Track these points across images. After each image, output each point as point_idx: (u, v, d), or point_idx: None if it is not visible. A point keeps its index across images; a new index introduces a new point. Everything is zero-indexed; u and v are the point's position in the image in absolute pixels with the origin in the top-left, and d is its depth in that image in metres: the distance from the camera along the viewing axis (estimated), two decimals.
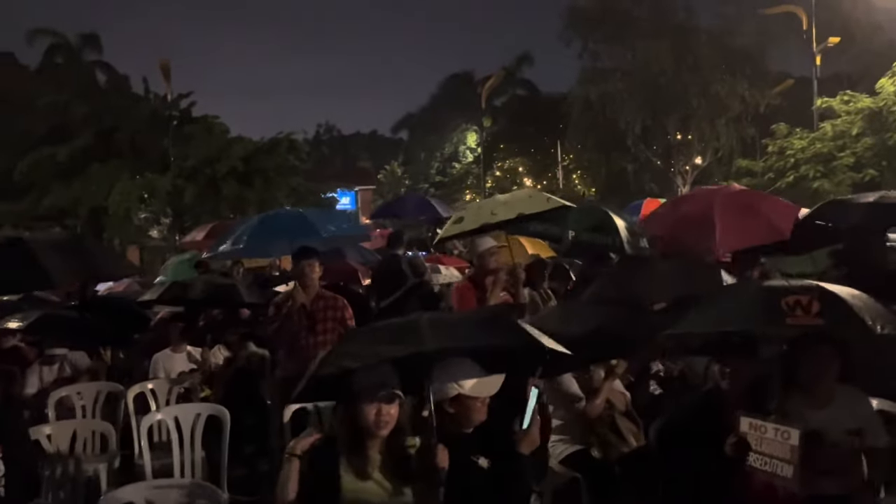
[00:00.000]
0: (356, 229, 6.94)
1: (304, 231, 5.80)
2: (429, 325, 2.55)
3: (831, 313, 2.87)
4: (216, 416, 4.27)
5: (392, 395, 2.64)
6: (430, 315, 2.69)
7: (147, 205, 29.29)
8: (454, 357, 2.76)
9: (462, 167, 44.59)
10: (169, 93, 26.81)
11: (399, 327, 2.67)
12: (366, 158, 54.93)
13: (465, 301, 4.94)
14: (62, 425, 4.23)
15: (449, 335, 2.60)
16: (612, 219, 6.24)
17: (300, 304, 4.81)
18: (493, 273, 4.97)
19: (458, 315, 2.75)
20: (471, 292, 4.98)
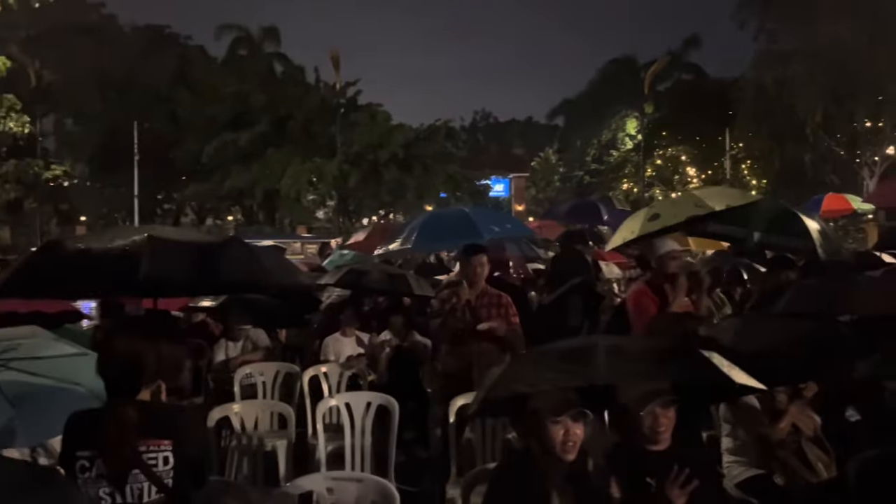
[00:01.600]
0: (520, 229, 6.82)
1: (468, 231, 5.80)
2: (606, 355, 2.36)
3: None
4: (385, 406, 4.41)
5: (580, 413, 2.44)
6: (608, 342, 2.49)
7: (315, 188, 31.13)
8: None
9: (620, 155, 43.20)
10: (338, 82, 28.16)
11: (574, 353, 2.48)
12: (520, 145, 54.77)
13: (643, 308, 4.70)
14: (248, 404, 4.55)
15: (627, 370, 2.41)
16: (803, 220, 5.70)
17: (465, 301, 4.83)
18: (673, 278, 4.67)
19: (637, 345, 2.54)
20: (649, 298, 4.72)
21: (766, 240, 5.30)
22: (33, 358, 3.07)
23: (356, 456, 4.39)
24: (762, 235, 5.27)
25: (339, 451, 4.61)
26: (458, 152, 32.76)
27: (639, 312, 4.74)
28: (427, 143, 31.19)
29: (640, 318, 4.71)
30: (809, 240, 5.21)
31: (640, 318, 4.71)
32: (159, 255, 2.37)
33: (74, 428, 2.13)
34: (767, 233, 5.25)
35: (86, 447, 2.04)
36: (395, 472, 4.47)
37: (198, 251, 2.62)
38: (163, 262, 2.37)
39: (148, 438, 2.11)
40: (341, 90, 30.26)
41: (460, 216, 6.34)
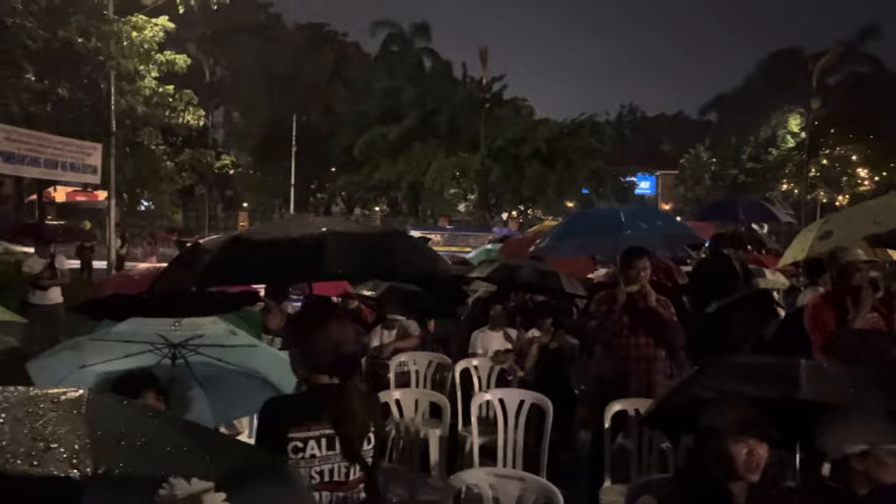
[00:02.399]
0: (675, 227, 6.47)
1: (612, 226, 5.59)
2: (807, 373, 2.19)
3: None
4: (538, 405, 4.40)
5: (765, 433, 2.34)
6: (809, 362, 2.30)
7: (458, 182, 31.64)
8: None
9: (780, 153, 40.37)
10: (485, 77, 28.40)
11: (769, 366, 2.33)
12: (668, 142, 52.64)
13: (821, 323, 4.35)
14: (407, 392, 4.71)
15: (833, 391, 2.21)
16: None
17: (623, 303, 4.70)
18: (856, 291, 4.27)
19: (841, 371, 2.32)
20: (828, 312, 4.36)
21: None
22: (218, 346, 3.35)
23: (508, 450, 4.41)
24: None
25: (488, 445, 4.66)
26: (602, 148, 32.00)
27: (817, 327, 4.38)
28: (571, 138, 30.74)
29: (819, 333, 4.36)
30: None
31: (819, 333, 4.36)
32: (339, 244, 2.51)
33: (281, 412, 2.26)
34: None
35: (302, 428, 2.16)
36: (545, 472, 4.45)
37: (372, 241, 2.77)
38: (343, 250, 2.52)
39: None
40: (487, 85, 30.49)
41: (607, 213, 6.17)
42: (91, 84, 15.41)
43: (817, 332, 4.33)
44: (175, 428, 1.10)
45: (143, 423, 1.03)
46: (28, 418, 0.86)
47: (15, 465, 0.76)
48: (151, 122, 17.24)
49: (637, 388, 4.58)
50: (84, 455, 0.82)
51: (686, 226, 7.83)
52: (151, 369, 3.18)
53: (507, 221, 33.24)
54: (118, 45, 14.29)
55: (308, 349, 2.28)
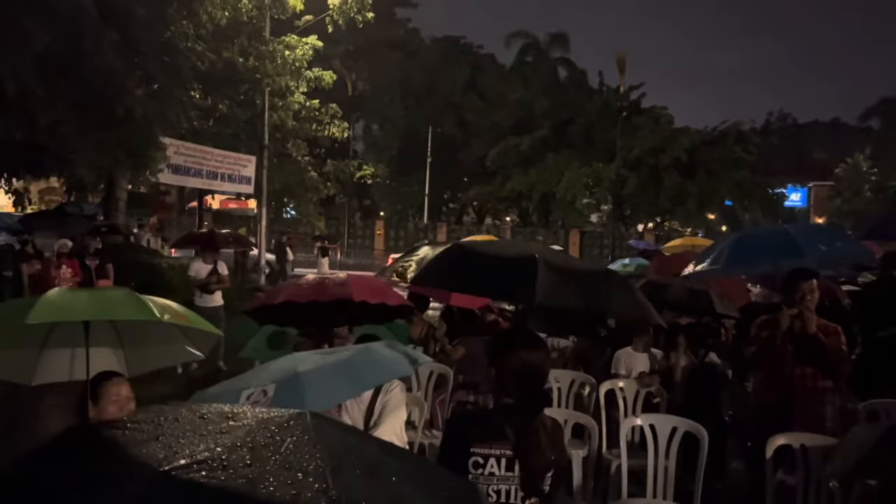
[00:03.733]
0: (854, 250, 5.92)
1: (788, 250, 5.15)
2: None
3: None
4: (691, 433, 4.20)
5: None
6: None
7: (591, 192, 31.05)
8: None
9: None
10: (622, 85, 27.76)
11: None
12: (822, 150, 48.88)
13: None
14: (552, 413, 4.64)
15: None
16: None
17: (788, 329, 4.38)
18: None
19: None
20: None
21: None
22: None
23: (658, 477, 4.24)
24: None
25: (636, 469, 4.50)
26: (748, 157, 30.26)
27: None
28: (713, 148, 29.34)
29: None
30: None
31: None
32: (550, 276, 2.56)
33: (468, 424, 2.33)
34: None
35: (485, 444, 2.22)
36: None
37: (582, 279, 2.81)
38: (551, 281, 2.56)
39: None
40: (625, 93, 29.76)
41: (779, 233, 5.71)
42: (247, 100, 16.55)
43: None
44: (387, 452, 1.13)
45: (362, 449, 1.06)
46: (271, 444, 0.90)
47: (282, 496, 0.80)
48: (299, 135, 18.27)
49: (802, 421, 4.25)
50: (330, 483, 0.84)
51: (864, 245, 7.15)
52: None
53: (643, 233, 32.20)
54: (273, 63, 15.25)
55: (504, 370, 2.32)
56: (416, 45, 36.74)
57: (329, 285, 4.57)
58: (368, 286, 4.77)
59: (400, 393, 4.23)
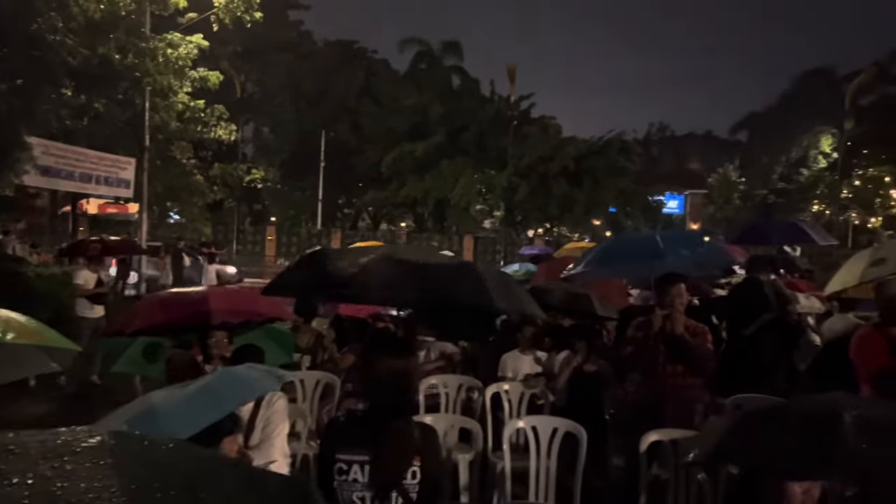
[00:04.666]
0: (716, 255, 6.31)
1: (654, 255, 5.44)
2: (854, 431, 2.10)
3: None
4: (572, 433, 4.32)
5: (824, 477, 2.26)
6: (854, 411, 2.21)
7: (484, 198, 31.64)
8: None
9: (812, 174, 39.80)
10: (513, 94, 28.45)
11: (817, 422, 2.23)
12: (698, 161, 52.19)
13: (871, 354, 4.22)
14: (438, 419, 4.66)
15: (881, 455, 2.13)
16: None
17: (660, 330, 4.61)
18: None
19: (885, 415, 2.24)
20: (879, 345, 4.23)
21: None
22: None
23: (540, 477, 4.34)
24: None
25: (519, 471, 4.58)
26: (630, 166, 31.79)
27: (865, 360, 4.25)
28: (599, 157, 30.60)
29: (866, 365, 4.23)
30: None
31: (866, 365, 4.23)
32: (416, 275, 2.55)
33: (336, 431, 2.30)
34: None
35: (347, 451, 2.20)
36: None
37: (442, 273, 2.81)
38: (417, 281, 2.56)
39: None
40: (515, 103, 30.53)
41: (647, 239, 6.03)
42: (126, 100, 15.70)
43: (864, 364, 4.21)
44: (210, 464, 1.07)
45: (176, 465, 0.98)
46: (57, 476, 0.81)
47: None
48: (184, 137, 17.51)
49: (674, 418, 4.48)
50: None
51: (725, 249, 7.65)
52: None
53: (533, 239, 33.13)
54: (154, 61, 14.55)
55: (368, 377, 2.31)
56: (308, 48, 36.13)
57: (185, 304, 4.38)
58: (230, 303, 4.61)
59: (283, 405, 4.12)
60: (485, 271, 3.44)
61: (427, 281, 2.78)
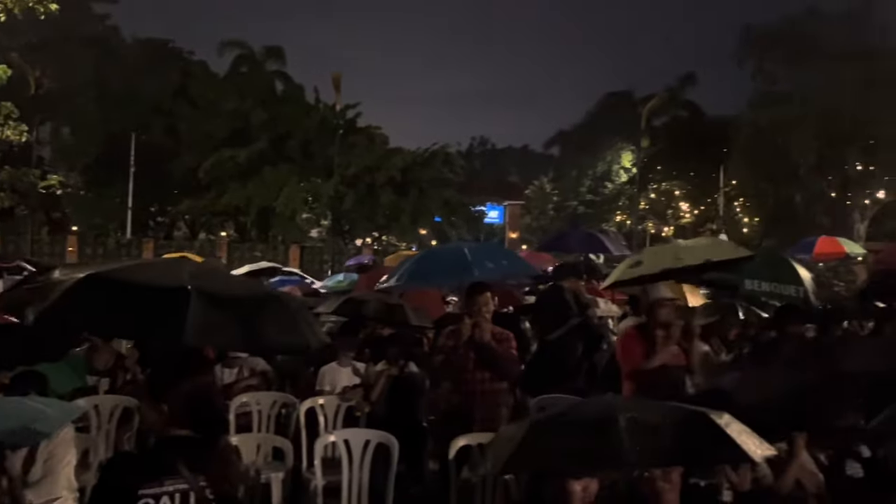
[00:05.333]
0: (518, 266, 6.75)
1: (460, 268, 5.73)
2: (628, 428, 2.35)
3: None
4: (384, 443, 4.37)
5: (599, 474, 2.49)
6: (630, 411, 2.47)
7: (310, 207, 31.16)
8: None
9: (615, 187, 43.55)
10: (338, 103, 28.34)
11: (594, 427, 2.46)
12: (516, 173, 55.15)
13: (630, 353, 4.72)
14: (247, 438, 4.50)
15: (651, 447, 2.40)
16: (795, 268, 5.74)
17: (469, 338, 4.80)
18: (666, 327, 4.70)
19: (656, 414, 2.52)
20: (638, 344, 4.73)
21: (758, 287, 5.33)
22: None
23: (353, 490, 4.33)
24: (753, 282, 5.29)
25: (333, 486, 4.55)
26: (454, 178, 32.89)
27: (626, 358, 4.77)
28: (424, 168, 31.33)
29: (627, 363, 4.75)
30: (801, 287, 5.25)
31: (627, 363, 4.75)
32: (203, 308, 2.39)
33: (132, 466, 2.14)
34: (759, 279, 5.28)
35: (155, 483, 2.06)
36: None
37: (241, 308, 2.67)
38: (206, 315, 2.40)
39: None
40: (341, 111, 30.43)
41: (455, 252, 6.32)
42: None
43: (626, 362, 4.70)
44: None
45: None
46: None
47: None
48: None
49: (482, 422, 4.68)
50: None
51: (527, 263, 8.24)
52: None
53: (361, 248, 33.17)
54: None
55: (174, 401, 2.17)
56: (115, 44, 33.55)
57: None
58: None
59: (69, 435, 3.76)
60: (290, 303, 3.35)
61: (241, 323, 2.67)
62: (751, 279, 5.50)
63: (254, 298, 3.28)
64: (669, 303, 4.98)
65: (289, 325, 2.93)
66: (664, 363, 4.77)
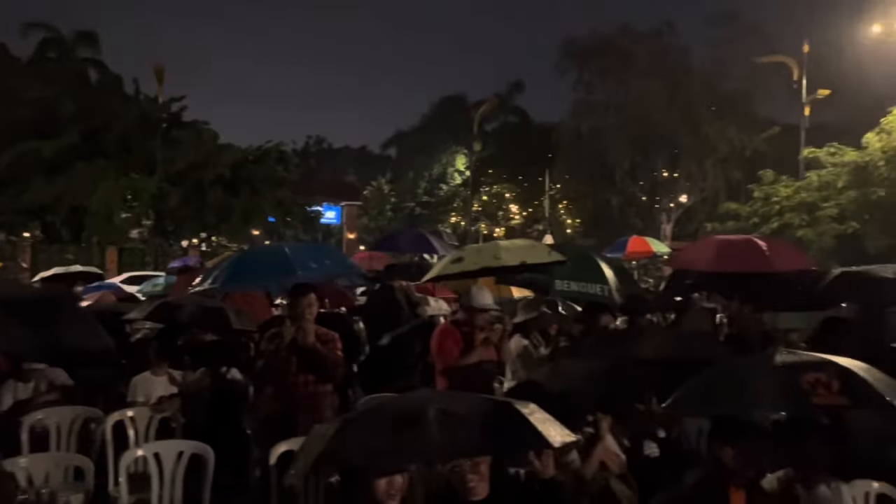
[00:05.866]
0: (342, 267, 6.63)
1: (281, 269, 5.58)
2: (437, 420, 2.40)
3: (853, 391, 2.87)
4: (200, 454, 4.13)
5: (401, 466, 2.53)
6: (439, 403, 2.53)
7: (130, 206, 28.94)
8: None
9: (449, 189, 44.69)
10: (160, 95, 26.61)
11: (406, 416, 2.49)
12: (353, 173, 54.84)
13: (445, 350, 4.87)
14: (38, 458, 4.06)
15: (458, 439, 2.46)
16: (601, 267, 6.17)
17: (291, 341, 4.68)
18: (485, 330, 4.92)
19: (465, 405, 2.60)
20: (454, 342, 4.89)
21: (567, 287, 5.70)
22: None
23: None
24: (563, 283, 5.66)
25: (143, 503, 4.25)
26: (289, 176, 32.02)
27: (441, 353, 4.92)
28: (257, 166, 30.23)
29: (442, 358, 4.90)
30: (606, 285, 5.69)
31: (442, 358, 4.90)
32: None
33: None
34: (568, 280, 5.66)
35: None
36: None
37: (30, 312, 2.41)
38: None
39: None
40: (164, 105, 28.57)
41: (275, 252, 6.12)
42: None
43: (440, 358, 4.85)
44: None
45: None
46: None
47: None
48: None
49: (305, 426, 4.57)
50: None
51: (353, 263, 8.24)
52: None
53: (188, 249, 31.37)
54: None
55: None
56: None
57: None
58: None
59: None
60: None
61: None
62: (561, 280, 5.86)
63: (43, 303, 3.02)
64: (492, 317, 5.22)
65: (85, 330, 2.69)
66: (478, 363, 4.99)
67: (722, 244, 6.47)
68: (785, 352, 3.36)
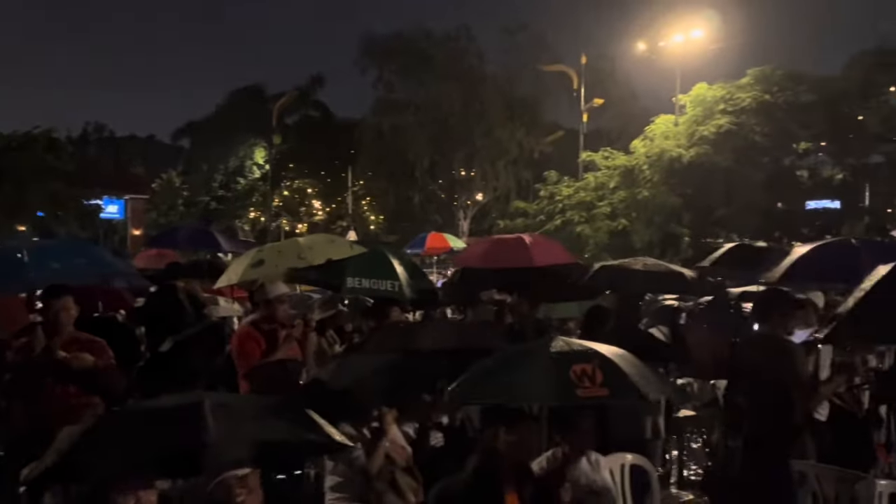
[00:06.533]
0: (102, 265, 5.87)
1: (12, 273, 4.89)
2: (213, 415, 2.22)
3: (613, 383, 3.13)
4: None
5: (150, 480, 2.31)
6: (215, 399, 2.35)
7: None
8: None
9: (247, 183, 42.94)
10: None
11: (171, 413, 2.29)
12: (140, 164, 50.68)
13: (247, 352, 4.62)
14: None
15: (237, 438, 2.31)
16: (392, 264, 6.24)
17: (45, 349, 4.16)
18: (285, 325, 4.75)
19: (243, 403, 2.46)
20: (256, 343, 4.66)
21: (358, 284, 5.72)
22: None
23: None
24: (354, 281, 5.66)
25: None
26: (63, 167, 28.84)
27: (242, 356, 4.69)
28: (22, 155, 26.92)
29: (244, 361, 4.67)
30: (397, 281, 5.79)
31: (244, 361, 4.67)
32: None
33: None
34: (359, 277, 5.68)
35: None
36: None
37: None
38: None
39: None
40: None
41: (7, 253, 5.31)
42: None
43: (242, 361, 4.62)
44: None
45: None
46: None
47: None
48: None
49: None
50: None
51: (118, 262, 7.52)
52: None
53: None
54: None
55: None
56: None
57: None
58: None
59: None
60: None
61: None
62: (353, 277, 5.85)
63: None
64: (286, 299, 5.04)
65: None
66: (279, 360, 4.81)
67: (494, 243, 7.04)
68: (560, 341, 3.60)
